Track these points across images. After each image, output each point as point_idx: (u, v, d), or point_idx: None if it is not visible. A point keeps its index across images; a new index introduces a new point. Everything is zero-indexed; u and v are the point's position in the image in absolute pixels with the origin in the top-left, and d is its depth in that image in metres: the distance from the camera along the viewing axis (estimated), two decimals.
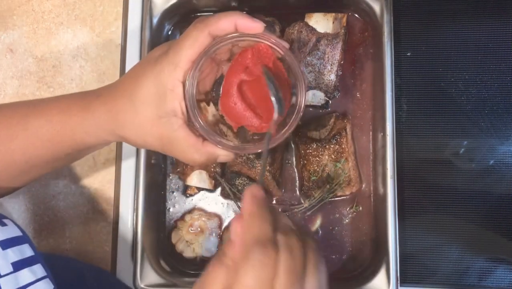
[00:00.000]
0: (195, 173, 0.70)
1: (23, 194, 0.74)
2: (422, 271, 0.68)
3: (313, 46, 0.68)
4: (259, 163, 0.67)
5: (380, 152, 0.67)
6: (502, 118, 0.70)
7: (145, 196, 0.69)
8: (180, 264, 0.71)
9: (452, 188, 0.69)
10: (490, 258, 0.68)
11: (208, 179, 0.70)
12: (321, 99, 0.70)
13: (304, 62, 0.68)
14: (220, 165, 0.70)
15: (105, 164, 0.74)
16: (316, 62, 0.68)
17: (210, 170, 0.70)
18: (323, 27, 0.68)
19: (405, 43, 0.72)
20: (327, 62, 0.68)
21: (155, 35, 0.72)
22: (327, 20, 0.68)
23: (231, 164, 0.69)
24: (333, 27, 0.68)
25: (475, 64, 0.71)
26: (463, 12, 0.72)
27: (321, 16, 0.68)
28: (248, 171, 0.68)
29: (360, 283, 0.64)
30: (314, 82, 0.69)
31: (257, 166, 0.68)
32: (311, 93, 0.69)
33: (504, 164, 0.69)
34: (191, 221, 0.71)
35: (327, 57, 0.68)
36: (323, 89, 0.69)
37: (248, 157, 0.67)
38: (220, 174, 0.70)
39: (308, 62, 0.68)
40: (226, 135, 0.64)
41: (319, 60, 0.68)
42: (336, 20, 0.68)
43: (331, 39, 0.68)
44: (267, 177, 0.68)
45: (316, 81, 0.68)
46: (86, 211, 0.73)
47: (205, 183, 0.70)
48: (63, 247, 0.73)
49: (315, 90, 0.69)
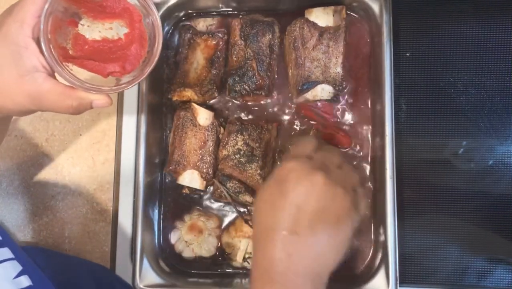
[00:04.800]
0: (187, 172, 0.70)
1: (22, 194, 0.74)
2: (422, 271, 0.68)
3: (316, 41, 0.68)
4: (250, 166, 0.67)
5: (379, 152, 0.67)
6: (501, 118, 0.70)
7: (144, 196, 0.69)
8: (179, 264, 0.71)
9: (451, 188, 0.69)
10: (489, 258, 0.68)
11: (199, 179, 0.70)
12: (330, 92, 0.69)
13: (309, 58, 0.68)
14: (212, 166, 0.70)
15: (104, 163, 0.74)
16: (321, 56, 0.68)
17: (202, 171, 0.70)
18: (324, 21, 0.68)
19: (404, 43, 0.72)
20: (331, 55, 0.68)
21: None
22: (327, 14, 0.68)
23: (222, 166, 0.69)
24: (334, 20, 0.68)
25: (474, 64, 0.71)
26: (463, 13, 0.72)
27: (321, 11, 0.68)
28: (239, 174, 0.68)
29: (360, 283, 0.64)
30: (321, 77, 0.68)
31: (248, 170, 0.68)
32: (319, 88, 0.68)
33: (503, 164, 0.69)
34: (190, 221, 0.71)
35: (331, 50, 0.68)
36: (331, 83, 0.68)
37: (239, 160, 0.68)
38: (211, 175, 0.70)
39: (313, 58, 0.68)
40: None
41: (324, 55, 0.68)
42: (336, 13, 0.68)
43: (333, 32, 0.68)
44: (258, 181, 0.68)
45: (324, 75, 0.68)
46: (85, 211, 0.73)
47: (196, 183, 0.70)
48: (62, 247, 0.73)
49: (324, 85, 0.68)
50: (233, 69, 0.70)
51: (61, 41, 0.52)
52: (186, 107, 0.70)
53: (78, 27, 0.54)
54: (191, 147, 0.70)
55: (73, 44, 0.54)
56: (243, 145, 0.68)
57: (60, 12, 0.52)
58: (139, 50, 0.54)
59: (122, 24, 0.55)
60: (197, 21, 0.74)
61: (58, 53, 0.51)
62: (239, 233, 0.69)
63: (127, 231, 0.71)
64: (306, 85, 0.68)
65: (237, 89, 0.70)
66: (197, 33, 0.73)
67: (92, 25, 0.55)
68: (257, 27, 0.70)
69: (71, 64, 0.52)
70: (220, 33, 0.73)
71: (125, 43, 0.55)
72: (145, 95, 0.70)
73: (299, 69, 0.68)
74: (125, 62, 0.54)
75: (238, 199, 0.68)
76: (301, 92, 0.68)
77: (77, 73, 0.53)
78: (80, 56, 0.53)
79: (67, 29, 0.54)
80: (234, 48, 0.70)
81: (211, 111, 0.71)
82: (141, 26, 0.55)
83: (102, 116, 0.75)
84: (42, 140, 0.75)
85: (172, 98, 0.72)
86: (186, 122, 0.70)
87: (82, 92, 0.52)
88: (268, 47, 0.70)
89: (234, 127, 0.69)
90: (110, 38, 0.55)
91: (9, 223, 0.74)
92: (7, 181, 0.75)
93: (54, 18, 0.50)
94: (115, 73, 0.54)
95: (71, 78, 0.51)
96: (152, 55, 0.54)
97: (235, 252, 0.69)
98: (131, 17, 0.55)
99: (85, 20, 0.55)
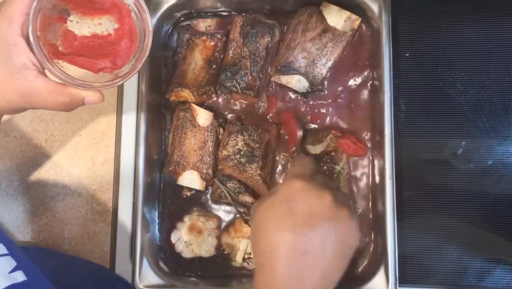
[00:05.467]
0: (187, 173, 0.70)
1: (22, 195, 0.74)
2: (421, 271, 0.68)
3: (317, 35, 0.68)
4: (250, 167, 0.67)
5: (379, 153, 0.67)
6: (500, 118, 0.70)
7: (144, 196, 0.69)
8: (179, 265, 0.71)
9: (451, 188, 0.70)
10: (488, 258, 0.68)
11: (199, 180, 0.70)
12: (305, 87, 0.69)
13: (302, 47, 0.68)
14: (211, 166, 0.70)
15: (103, 164, 0.74)
16: (314, 51, 0.68)
17: (202, 171, 0.70)
18: (333, 21, 0.68)
19: (404, 44, 0.72)
20: (324, 55, 0.68)
21: (154, 35, 0.71)
22: (340, 16, 0.68)
23: (222, 166, 0.69)
24: (343, 25, 0.68)
25: (473, 64, 0.71)
26: (462, 13, 0.72)
27: (336, 10, 0.68)
28: (239, 174, 0.68)
29: (359, 284, 0.64)
30: (303, 69, 0.68)
31: (248, 170, 0.68)
32: (296, 78, 0.68)
33: (502, 164, 0.69)
34: (190, 222, 0.71)
35: (326, 51, 0.68)
36: (309, 79, 0.68)
37: (239, 161, 0.68)
38: (211, 175, 0.70)
39: (306, 48, 0.68)
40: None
41: (317, 51, 0.68)
42: (349, 20, 0.68)
43: (336, 36, 0.68)
44: (258, 181, 0.68)
45: (306, 69, 0.68)
46: (84, 212, 0.73)
47: (196, 183, 0.70)
48: (62, 247, 0.73)
49: (301, 77, 0.68)
50: (227, 65, 0.70)
51: (50, 38, 0.52)
52: (186, 108, 0.70)
53: (67, 24, 0.54)
54: (190, 147, 0.70)
55: (63, 41, 0.54)
56: (244, 145, 0.68)
57: (49, 9, 0.52)
58: (129, 45, 0.54)
59: (111, 20, 0.55)
60: (197, 21, 0.75)
61: (48, 50, 0.51)
62: (238, 233, 0.69)
63: (127, 232, 0.71)
64: (285, 69, 0.68)
65: (227, 85, 0.70)
66: (196, 34, 0.73)
67: (81, 21, 0.55)
68: (258, 28, 0.70)
69: (61, 61, 0.52)
70: (219, 34, 0.73)
71: (115, 39, 0.55)
72: (145, 95, 0.70)
73: (288, 51, 0.69)
74: (116, 58, 0.54)
75: (238, 199, 0.68)
76: (278, 72, 0.69)
77: (68, 69, 0.52)
78: (70, 53, 0.53)
79: (56, 25, 0.53)
80: (232, 44, 0.70)
81: (210, 112, 0.71)
82: (131, 21, 0.54)
83: (102, 117, 0.75)
84: (41, 141, 0.75)
85: (169, 98, 0.72)
86: (185, 123, 0.70)
87: (73, 89, 0.52)
88: (265, 49, 0.70)
89: (235, 128, 0.69)
90: (100, 34, 0.55)
91: (9, 223, 0.74)
92: (7, 182, 0.75)
93: (42, 15, 0.50)
94: (106, 69, 0.54)
95: (61, 75, 0.51)
96: (143, 50, 0.54)
97: (235, 252, 0.69)
98: (120, 12, 0.54)
99: (74, 16, 0.55)
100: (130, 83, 0.72)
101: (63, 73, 0.51)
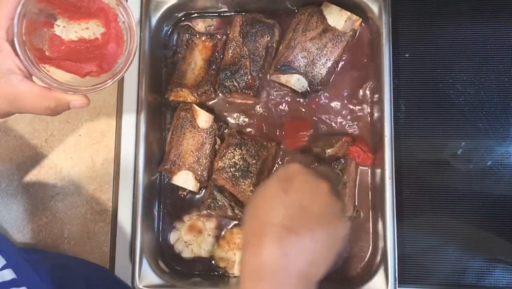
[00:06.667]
0: (182, 173, 0.69)
1: (21, 194, 0.74)
2: (421, 271, 0.69)
3: (317, 34, 0.68)
4: (243, 182, 0.67)
5: (378, 153, 0.67)
6: (500, 119, 0.70)
7: (144, 196, 0.69)
8: (178, 265, 0.71)
9: (450, 189, 0.70)
10: (488, 258, 0.68)
11: (193, 181, 0.70)
12: (304, 87, 0.69)
13: (302, 46, 0.68)
14: (207, 169, 0.70)
15: (103, 164, 0.74)
16: (313, 51, 0.68)
17: (197, 173, 0.69)
18: (334, 21, 0.68)
19: (404, 44, 0.72)
20: (324, 55, 0.68)
21: (154, 36, 0.72)
22: (341, 17, 0.68)
23: (216, 177, 0.68)
24: (343, 26, 0.68)
25: (473, 65, 0.71)
26: (462, 14, 0.72)
27: (337, 11, 0.68)
28: (231, 187, 0.68)
29: (359, 284, 0.64)
30: (303, 69, 0.68)
31: (240, 185, 0.67)
32: (295, 77, 0.68)
33: (502, 164, 0.69)
34: (189, 222, 0.71)
35: (326, 51, 0.68)
36: (309, 79, 0.68)
37: (233, 174, 0.67)
38: (206, 178, 0.70)
39: (306, 48, 0.68)
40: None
41: (317, 51, 0.68)
42: (349, 20, 0.68)
43: (336, 36, 0.68)
44: (249, 197, 0.67)
45: (306, 68, 0.68)
46: (84, 212, 0.73)
47: (190, 184, 0.70)
48: (61, 247, 0.73)
49: (301, 77, 0.68)
50: (227, 65, 0.70)
51: (37, 42, 0.52)
52: (187, 108, 0.70)
53: (54, 28, 0.54)
54: (188, 147, 0.70)
55: (49, 45, 0.54)
56: (240, 159, 0.68)
57: (35, 13, 0.52)
58: (116, 49, 0.54)
59: (98, 24, 0.55)
60: (196, 21, 0.75)
61: (34, 55, 0.51)
62: (232, 245, 0.69)
63: (127, 231, 0.71)
64: (284, 68, 0.68)
65: (226, 84, 0.70)
66: (196, 34, 0.73)
67: (68, 26, 0.55)
68: (257, 27, 0.70)
69: (48, 65, 0.52)
70: (219, 35, 0.73)
71: (102, 43, 0.55)
72: (145, 95, 0.70)
73: (287, 50, 0.69)
74: (102, 62, 0.54)
75: (227, 212, 0.68)
76: (278, 71, 0.69)
77: (55, 74, 0.52)
78: (56, 57, 0.53)
79: (42, 30, 0.53)
80: (231, 44, 0.71)
81: (211, 114, 0.71)
82: (117, 25, 0.55)
83: (102, 117, 0.75)
84: (41, 140, 0.75)
85: (168, 98, 0.72)
86: (185, 123, 0.70)
87: (59, 93, 0.52)
88: (265, 49, 0.70)
89: (234, 141, 0.69)
90: (87, 38, 0.55)
91: (8, 223, 0.74)
92: (6, 181, 0.74)
93: (28, 20, 0.50)
94: (92, 73, 0.54)
95: (47, 79, 0.51)
96: (128, 54, 0.54)
97: (231, 265, 0.69)
98: (106, 16, 0.55)
99: (60, 21, 0.55)
100: (130, 83, 0.73)
101: (48, 78, 0.51)
